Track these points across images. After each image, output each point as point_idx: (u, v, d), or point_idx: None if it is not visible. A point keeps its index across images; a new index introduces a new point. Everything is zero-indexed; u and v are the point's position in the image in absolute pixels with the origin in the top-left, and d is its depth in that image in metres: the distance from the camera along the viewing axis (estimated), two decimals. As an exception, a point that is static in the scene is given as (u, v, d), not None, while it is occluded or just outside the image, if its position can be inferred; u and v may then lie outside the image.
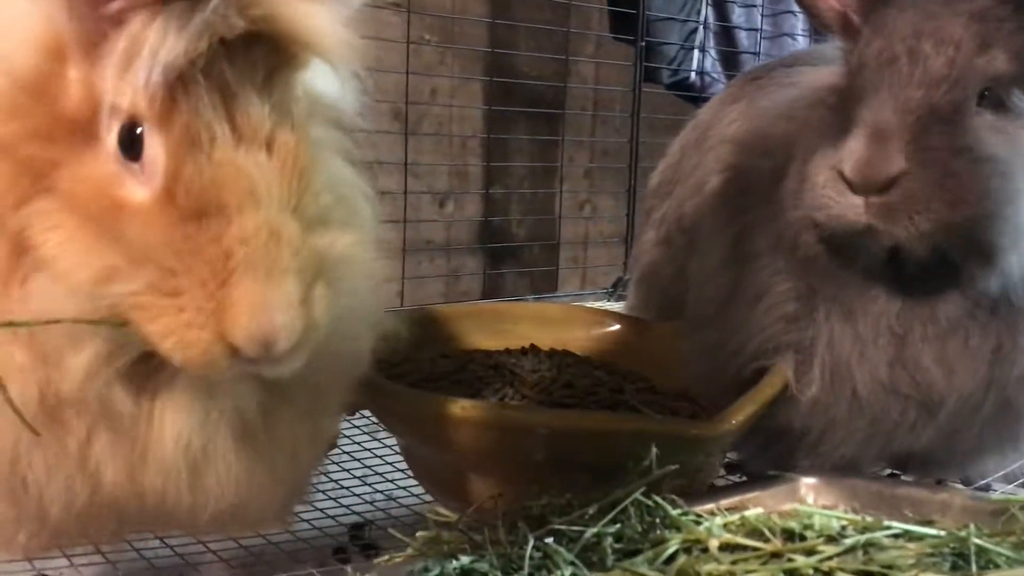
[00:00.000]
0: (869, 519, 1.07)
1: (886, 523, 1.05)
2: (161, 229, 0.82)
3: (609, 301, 2.99)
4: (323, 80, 0.99)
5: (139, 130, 0.83)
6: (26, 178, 0.84)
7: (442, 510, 1.21)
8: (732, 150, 1.54)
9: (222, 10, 0.81)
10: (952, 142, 1.15)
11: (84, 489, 0.92)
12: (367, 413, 1.60)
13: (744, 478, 1.48)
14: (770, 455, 1.36)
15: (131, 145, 0.84)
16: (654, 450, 1.13)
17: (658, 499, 1.09)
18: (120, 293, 0.82)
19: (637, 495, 1.08)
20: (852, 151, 1.16)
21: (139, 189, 0.84)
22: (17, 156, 0.84)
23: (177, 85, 0.82)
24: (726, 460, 1.52)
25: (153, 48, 0.80)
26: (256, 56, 0.86)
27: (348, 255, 0.94)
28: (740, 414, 1.25)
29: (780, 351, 1.32)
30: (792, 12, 3.60)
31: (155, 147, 0.83)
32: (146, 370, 0.88)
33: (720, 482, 1.47)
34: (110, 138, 0.84)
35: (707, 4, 3.38)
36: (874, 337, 1.26)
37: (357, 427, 1.82)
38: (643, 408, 1.45)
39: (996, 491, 1.49)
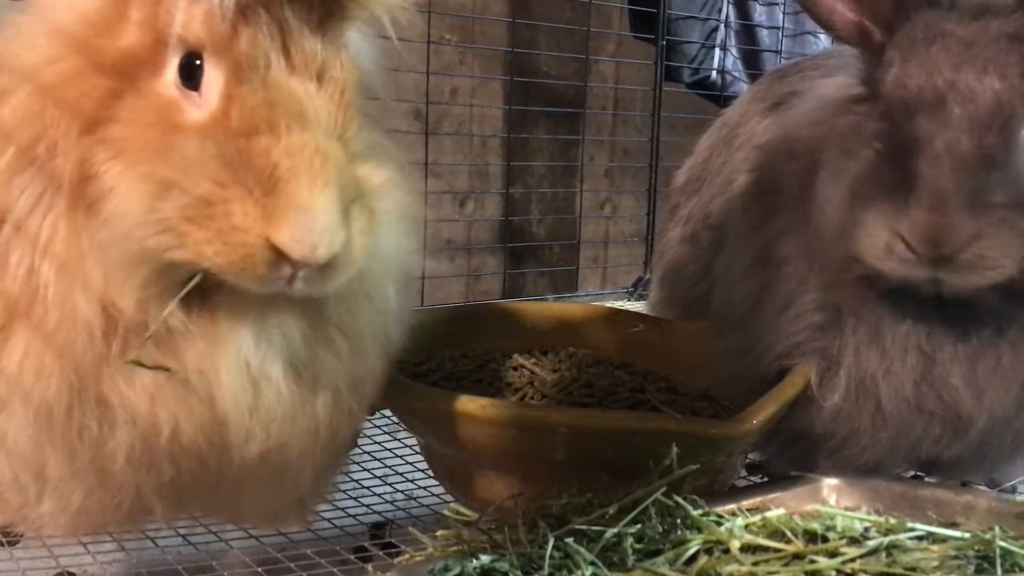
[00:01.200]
0: (892, 521, 1.06)
1: (909, 525, 1.04)
2: (214, 145, 0.87)
3: (630, 301, 2.98)
4: (359, 54, 1.04)
5: (199, 61, 0.90)
6: (89, 108, 0.90)
7: (462, 509, 1.21)
8: (760, 153, 1.52)
9: None
10: (1014, 193, 1.12)
11: (164, 429, 0.94)
12: (388, 413, 1.60)
13: (765, 479, 1.47)
14: (791, 456, 1.35)
15: (191, 74, 0.90)
16: (675, 450, 1.13)
17: (679, 499, 1.08)
18: (173, 207, 0.86)
19: (658, 495, 1.07)
20: (916, 221, 1.12)
21: (196, 112, 0.90)
22: (81, 88, 0.90)
23: (239, 18, 0.89)
24: (748, 461, 1.51)
25: None
26: (312, 0, 0.93)
27: (385, 187, 0.99)
28: (761, 414, 1.25)
29: (806, 356, 1.31)
30: (814, 10, 3.57)
31: (213, 74, 0.90)
32: (202, 296, 0.92)
33: (741, 482, 1.46)
34: (171, 69, 0.91)
35: (728, 2, 3.36)
36: (902, 355, 1.25)
37: (378, 427, 1.83)
38: (664, 408, 1.45)
39: (1022, 493, 1.48)
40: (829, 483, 1.24)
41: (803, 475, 1.27)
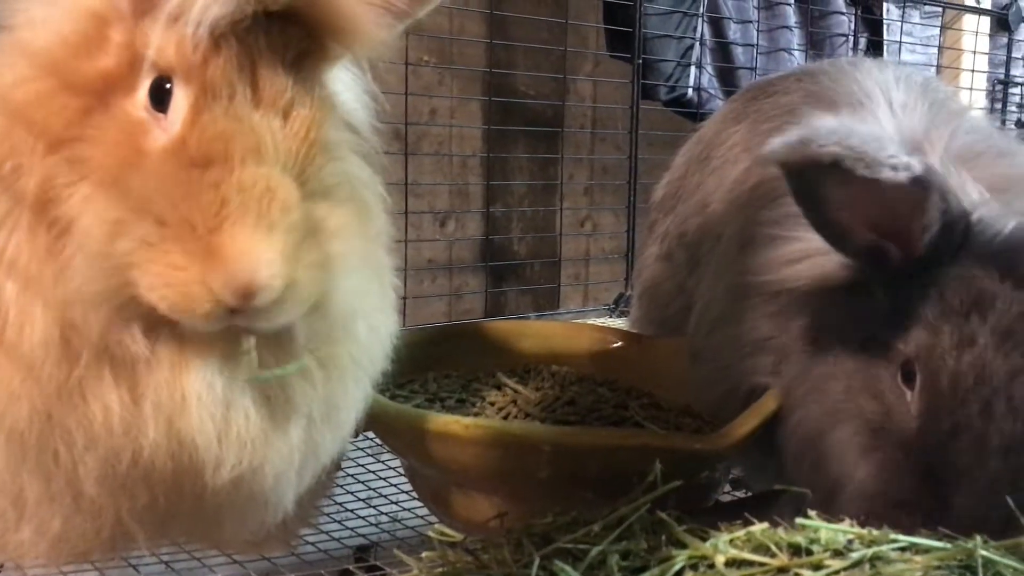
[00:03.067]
0: (875, 532, 1.06)
1: (892, 536, 1.04)
2: (167, 175, 0.87)
3: (611, 318, 2.99)
4: (343, 88, 1.06)
5: (168, 84, 0.90)
6: (57, 127, 0.90)
7: (447, 530, 1.21)
8: (736, 192, 1.52)
9: None
10: None
11: (124, 455, 0.93)
12: (371, 434, 1.60)
13: (749, 493, 1.48)
14: (773, 470, 1.36)
15: (160, 97, 0.90)
16: (658, 466, 1.13)
17: (663, 515, 1.08)
18: (124, 250, 0.86)
19: (642, 512, 1.08)
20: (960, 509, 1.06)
21: (161, 135, 0.90)
22: (50, 108, 0.91)
23: (212, 46, 0.89)
24: (731, 476, 1.51)
25: (200, 11, 0.87)
26: (290, 36, 0.94)
27: (344, 229, 0.98)
28: (743, 429, 1.25)
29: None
30: (788, 27, 3.62)
31: (181, 98, 0.90)
32: (168, 323, 0.91)
33: (725, 498, 1.46)
34: (142, 90, 0.91)
35: (703, 21, 3.40)
36: None
37: (361, 449, 1.82)
38: (647, 424, 1.45)
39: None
40: (812, 496, 1.25)
41: (786, 488, 1.27)
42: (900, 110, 1.41)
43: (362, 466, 1.78)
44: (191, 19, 0.87)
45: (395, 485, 1.69)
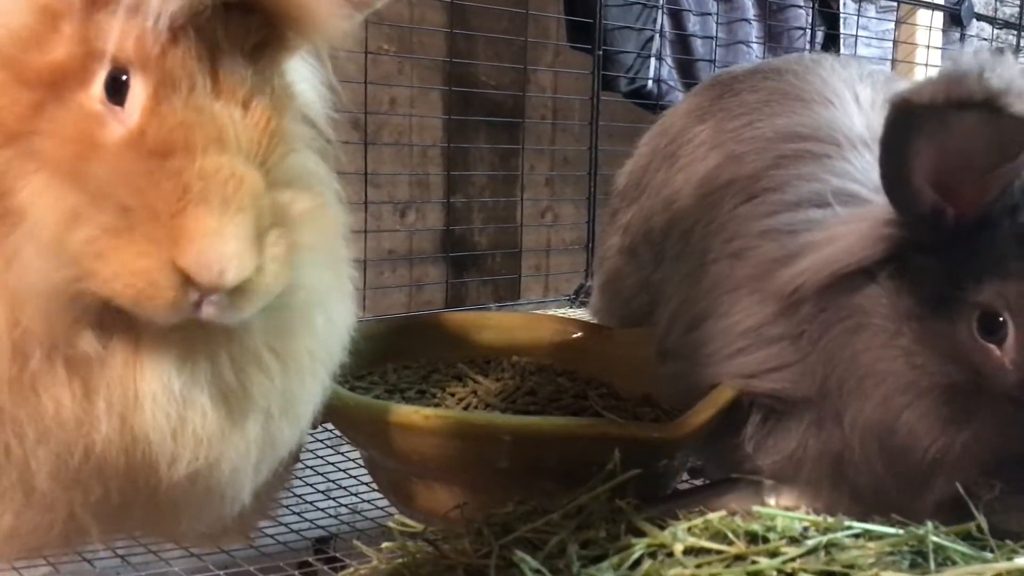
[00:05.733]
0: (830, 520, 1.08)
1: (847, 523, 1.06)
2: (127, 165, 0.85)
3: (572, 308, 3.00)
4: (300, 80, 1.04)
5: (125, 76, 0.88)
6: (9, 121, 0.88)
7: (407, 521, 1.21)
8: (703, 188, 1.51)
9: None
10: None
11: (76, 450, 0.92)
12: (330, 426, 1.59)
13: (707, 482, 1.49)
14: (730, 459, 1.37)
15: (116, 89, 0.88)
16: (617, 454, 1.14)
17: (622, 504, 1.09)
18: (81, 239, 0.84)
19: (602, 500, 1.08)
20: None
21: (118, 127, 0.88)
22: (4, 100, 0.88)
23: (169, 37, 0.87)
24: (689, 465, 1.53)
25: (159, 3, 0.85)
26: (249, 25, 0.92)
27: (308, 215, 0.97)
28: (700, 418, 1.27)
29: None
30: (747, 20, 3.65)
31: (138, 90, 0.88)
32: (124, 320, 0.89)
33: (684, 486, 1.48)
34: (97, 83, 0.89)
35: (663, 12, 3.41)
36: None
37: (320, 441, 1.81)
38: (606, 413, 1.46)
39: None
40: (768, 484, 1.27)
41: (743, 477, 1.29)
42: (868, 106, 1.43)
43: (321, 458, 1.77)
44: (150, 11, 0.86)
45: (354, 477, 1.68)
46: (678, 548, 1.01)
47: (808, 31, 3.78)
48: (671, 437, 1.25)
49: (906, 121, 1.08)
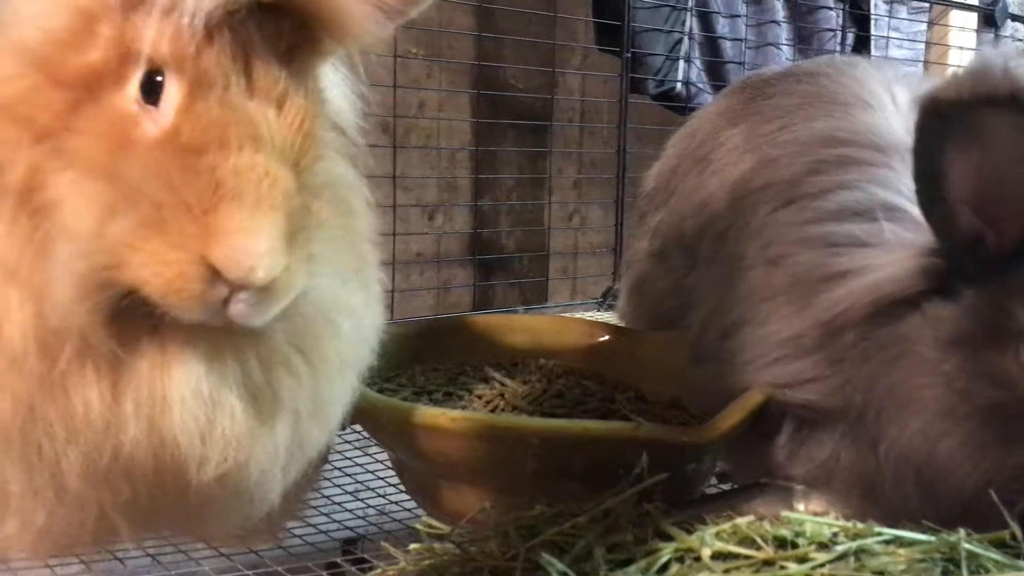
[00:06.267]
0: (860, 526, 1.07)
1: (877, 529, 1.05)
2: (161, 162, 0.86)
3: (599, 311, 3.00)
4: (331, 87, 1.05)
5: (160, 77, 0.89)
6: (44, 120, 0.89)
7: (434, 523, 1.21)
8: (737, 192, 1.50)
9: None
10: None
11: (105, 451, 0.92)
12: (359, 428, 1.60)
13: (735, 486, 1.48)
14: (758, 463, 1.36)
15: (151, 89, 0.89)
16: (645, 458, 1.13)
17: (650, 508, 1.09)
18: (116, 231, 0.84)
19: (629, 504, 1.08)
20: None
21: (152, 127, 0.88)
22: (37, 102, 0.89)
23: (205, 37, 0.88)
24: (717, 469, 1.52)
25: (194, 3, 0.86)
26: (283, 27, 0.93)
27: (332, 224, 0.98)
28: (729, 422, 1.26)
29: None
30: (776, 22, 3.63)
31: (173, 90, 0.88)
32: (152, 322, 0.90)
33: (712, 491, 1.47)
34: (133, 83, 0.89)
35: (691, 15, 3.40)
36: None
37: (348, 442, 1.82)
38: (634, 417, 1.45)
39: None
40: (798, 489, 1.26)
41: (772, 482, 1.28)
42: (906, 110, 1.41)
43: (349, 459, 1.78)
44: (186, 11, 0.87)
45: (382, 478, 1.69)
46: (706, 553, 1.00)
47: (839, 33, 3.75)
48: (699, 441, 1.25)
49: (937, 125, 1.06)
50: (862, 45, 3.83)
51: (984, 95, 0.99)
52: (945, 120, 1.05)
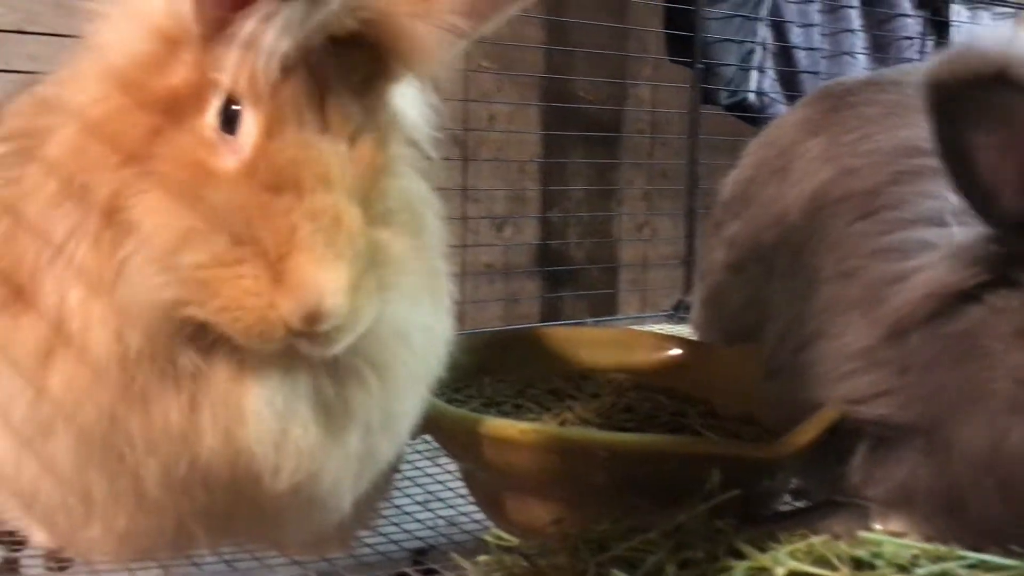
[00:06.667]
0: (943, 548, 1.04)
1: (960, 553, 1.02)
2: (238, 197, 0.89)
3: (670, 324, 2.97)
4: (405, 102, 1.07)
5: (237, 108, 0.92)
6: (129, 142, 0.92)
7: (503, 535, 1.21)
8: (817, 202, 1.46)
9: (337, 10, 0.90)
10: None
11: (183, 460, 0.96)
12: (428, 438, 1.61)
13: (810, 504, 1.45)
14: (834, 480, 1.33)
15: (229, 120, 0.92)
16: (717, 474, 1.12)
17: (722, 524, 1.07)
18: (192, 262, 0.88)
19: (700, 520, 1.07)
20: None
21: (229, 158, 0.91)
22: (123, 124, 0.93)
23: (282, 73, 0.90)
24: (791, 486, 1.49)
25: (271, 39, 0.88)
26: (356, 60, 0.95)
27: (403, 250, 1.00)
28: (804, 438, 1.23)
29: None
30: (851, 31, 3.56)
31: (250, 123, 0.91)
32: (228, 337, 0.93)
33: (786, 508, 1.44)
34: (211, 111, 0.93)
35: (765, 24, 3.36)
36: None
37: (418, 452, 1.83)
38: (706, 432, 1.43)
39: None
40: (876, 508, 1.22)
41: (847, 499, 1.25)
42: None
43: (419, 469, 1.79)
44: (263, 50, 0.89)
45: (452, 489, 1.69)
46: (779, 572, 0.98)
47: (918, 41, 3.66)
48: (773, 457, 1.22)
49: (950, 108, 1.01)
50: (942, 53, 3.73)
51: (971, 75, 0.95)
52: (958, 101, 1.01)
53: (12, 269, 0.98)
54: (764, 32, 3.36)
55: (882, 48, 3.65)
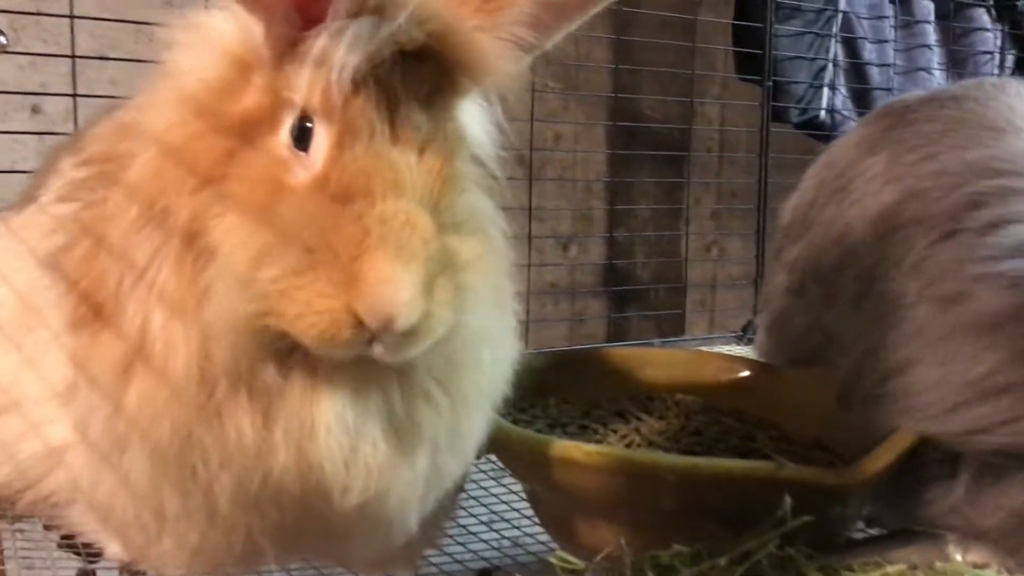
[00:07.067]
0: (1025, 580, 1.00)
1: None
2: (311, 209, 0.91)
3: (739, 345, 2.92)
4: (471, 120, 1.08)
5: (310, 124, 0.94)
6: (205, 166, 0.95)
7: (568, 557, 1.20)
8: (879, 225, 1.44)
9: (405, 23, 0.91)
10: None
11: (255, 476, 0.97)
12: (493, 458, 1.61)
13: (885, 532, 1.41)
14: (910, 508, 1.29)
15: (301, 136, 0.94)
16: (788, 500, 1.09)
17: (792, 551, 1.05)
18: (269, 277, 0.90)
19: (771, 547, 1.04)
20: None
21: (302, 173, 0.93)
22: (199, 147, 0.96)
23: (352, 87, 0.92)
24: (865, 513, 1.45)
25: (342, 54, 0.90)
26: (424, 73, 0.96)
27: (476, 257, 1.00)
28: (878, 464, 1.20)
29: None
30: (928, 46, 3.48)
31: (321, 137, 0.93)
32: (302, 353, 0.95)
33: (859, 536, 1.40)
34: (284, 130, 0.95)
35: (836, 41, 3.30)
36: None
37: (483, 471, 1.83)
38: (776, 456, 1.41)
39: None
40: (954, 537, 1.18)
41: (925, 529, 1.21)
42: None
43: (485, 489, 1.79)
44: (334, 65, 0.91)
45: (517, 509, 1.69)
46: (854, 602, 0.95)
47: (997, 55, 3.57)
48: (846, 483, 1.19)
49: None
50: (1022, 68, 3.63)
51: None
52: None
53: (93, 289, 1.01)
54: (836, 49, 3.31)
55: (959, 63, 3.56)
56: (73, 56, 2.13)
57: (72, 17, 2.13)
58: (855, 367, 1.41)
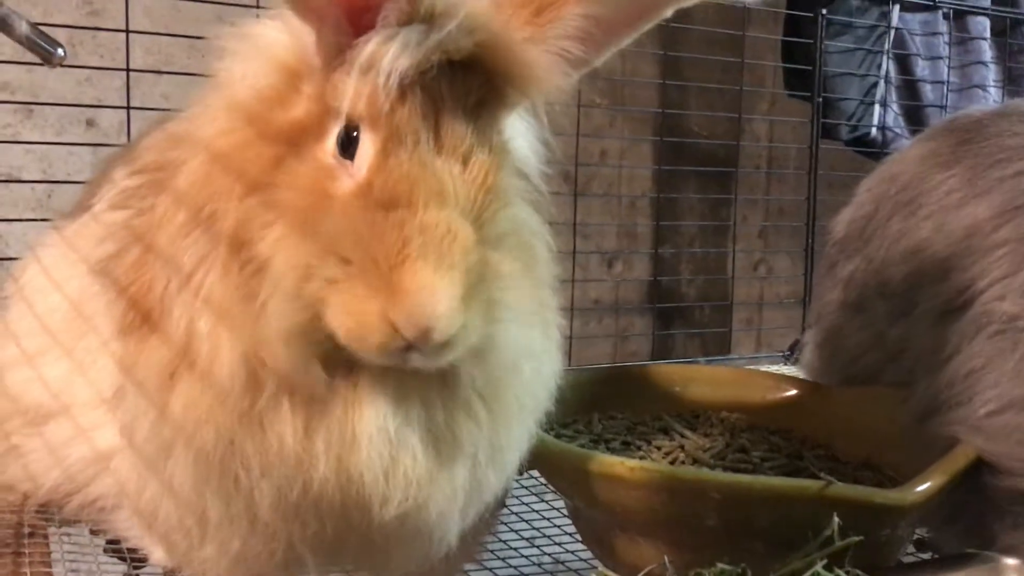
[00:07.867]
0: (1086, 609, 0.96)
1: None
2: (353, 215, 0.91)
3: (786, 364, 2.88)
4: (517, 135, 1.08)
5: (356, 132, 0.94)
6: (253, 173, 0.96)
7: (610, 574, 1.18)
8: (977, 247, 1.40)
9: (454, 32, 0.91)
10: None
11: (296, 485, 0.97)
12: (535, 473, 1.60)
13: (936, 556, 1.37)
14: (960, 529, 1.25)
15: (348, 144, 0.94)
16: (836, 520, 1.07)
17: (840, 573, 1.02)
18: (313, 289, 0.91)
19: (818, 568, 1.02)
20: None
21: (348, 181, 0.94)
22: (247, 155, 0.97)
23: (398, 95, 0.93)
24: (916, 536, 1.41)
25: (390, 62, 0.90)
26: (471, 83, 0.96)
27: (514, 275, 1.00)
28: (930, 483, 1.17)
29: None
30: (983, 63, 3.42)
31: (367, 145, 0.94)
32: (346, 364, 0.95)
33: (909, 559, 1.37)
34: (331, 138, 0.95)
35: (888, 57, 3.26)
36: None
37: (525, 487, 1.82)
38: (823, 476, 1.38)
39: None
40: (1009, 563, 1.15)
41: (978, 553, 1.18)
42: None
43: (527, 505, 1.78)
44: (382, 70, 0.91)
45: (558, 526, 1.67)
46: (904, 627, 0.93)
47: (1055, 72, 3.50)
48: (896, 504, 1.16)
49: None
50: (1081, 86, 3.55)
51: None
52: None
53: (141, 295, 1.03)
54: (888, 65, 3.27)
55: (1015, 80, 3.50)
56: (128, 70, 2.18)
57: (128, 32, 2.18)
58: (933, 384, 1.38)
